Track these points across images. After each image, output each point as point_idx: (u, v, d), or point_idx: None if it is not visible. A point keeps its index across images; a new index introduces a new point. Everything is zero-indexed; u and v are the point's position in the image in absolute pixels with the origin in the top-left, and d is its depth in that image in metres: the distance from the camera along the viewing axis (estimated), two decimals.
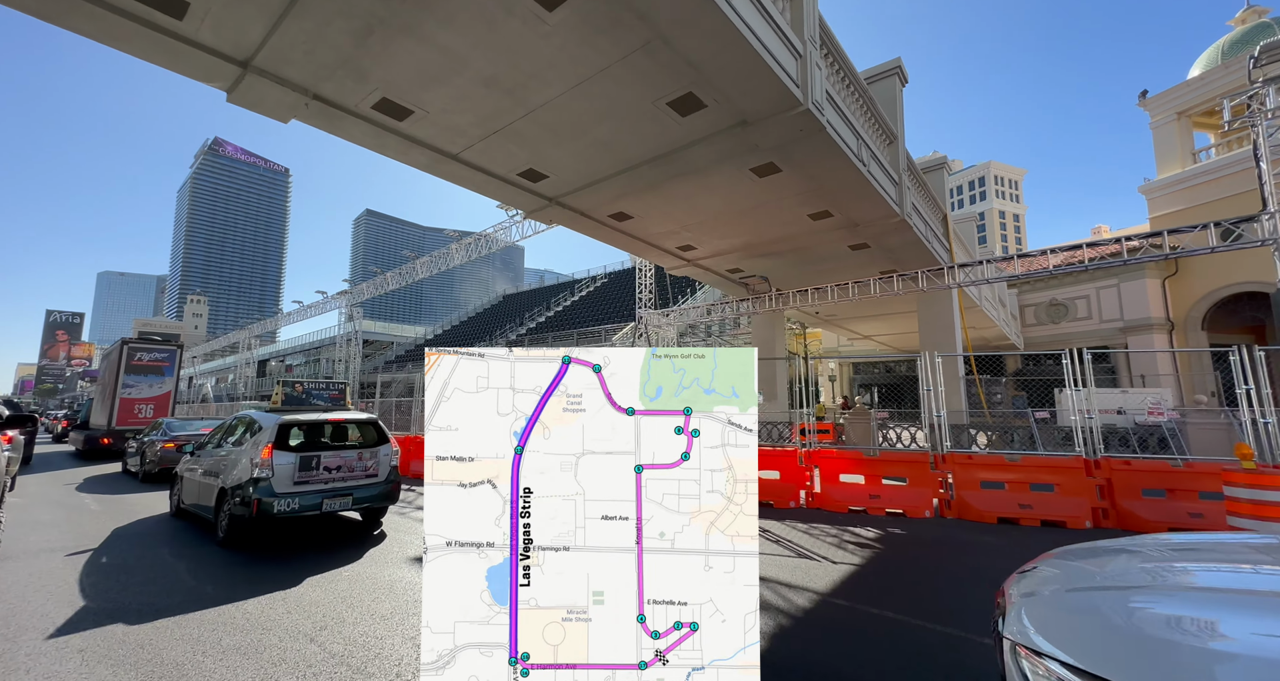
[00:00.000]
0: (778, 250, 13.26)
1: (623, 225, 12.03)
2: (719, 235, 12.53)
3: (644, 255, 14.23)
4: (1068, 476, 6.56)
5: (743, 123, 7.72)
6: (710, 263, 14.49)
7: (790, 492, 7.92)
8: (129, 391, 18.24)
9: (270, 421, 6.17)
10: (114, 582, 4.66)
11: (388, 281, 29.07)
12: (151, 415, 18.16)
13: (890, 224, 10.96)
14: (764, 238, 12.55)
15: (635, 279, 18.18)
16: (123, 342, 18.76)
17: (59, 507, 8.22)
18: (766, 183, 9.64)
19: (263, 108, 7.33)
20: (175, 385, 19.59)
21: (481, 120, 7.94)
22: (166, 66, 6.68)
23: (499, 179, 9.84)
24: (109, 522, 7.16)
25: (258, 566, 5.16)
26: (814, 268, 14.36)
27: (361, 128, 8.04)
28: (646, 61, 6.52)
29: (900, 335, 25.74)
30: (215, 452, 6.81)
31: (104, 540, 6.22)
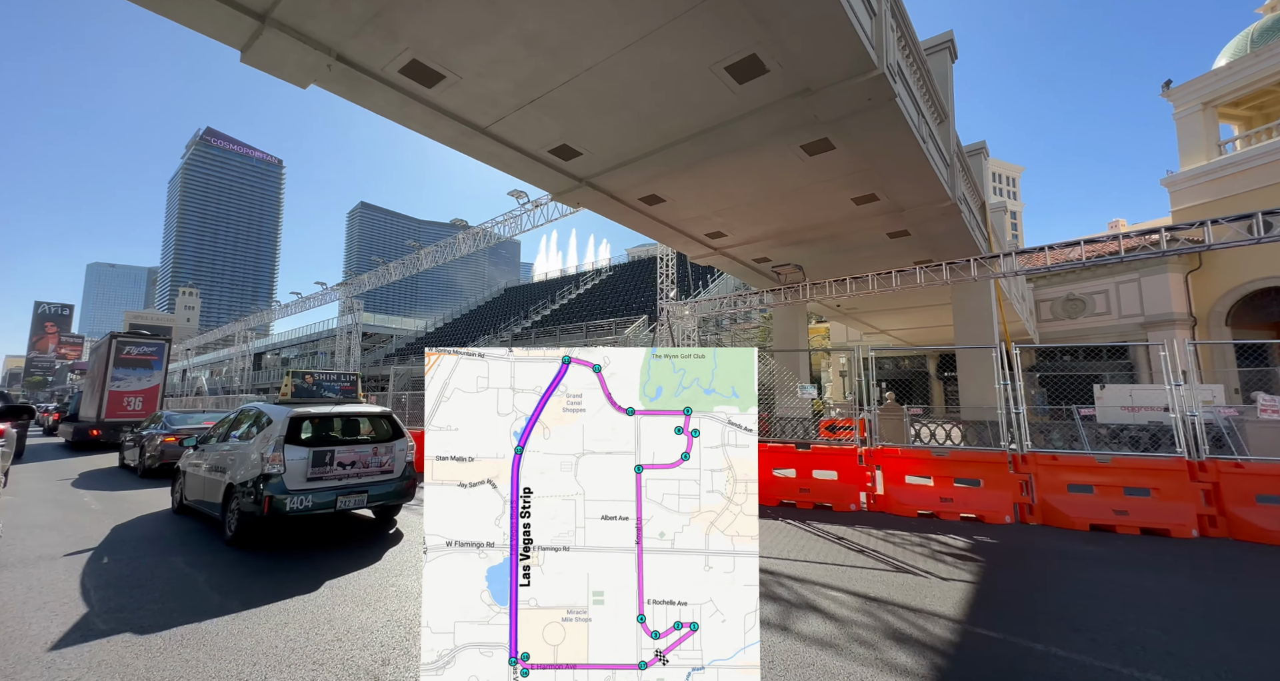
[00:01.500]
0: (811, 238, 12.65)
1: (653, 209, 11.37)
2: (752, 221, 11.90)
3: (669, 242, 13.57)
4: (1168, 480, 6.01)
5: (805, 91, 7.08)
6: (738, 251, 13.87)
7: (850, 495, 7.35)
8: (118, 384, 18.31)
9: (281, 414, 5.83)
10: (118, 587, 4.35)
11: (390, 272, 28.24)
12: (140, 408, 18.32)
13: (939, 209, 10.37)
14: (799, 224, 11.93)
15: (653, 270, 17.64)
16: (111, 336, 18.81)
17: (56, 505, 7.79)
18: (815, 162, 9.01)
19: (281, 70, 6.61)
20: (164, 378, 19.75)
21: (518, 87, 7.25)
22: (180, 19, 5.95)
23: (529, 156, 9.15)
24: (108, 520, 6.78)
25: (272, 569, 4.84)
26: (846, 257, 13.76)
27: (386, 95, 7.33)
28: (711, 17, 5.86)
29: (920, 330, 25.22)
30: (220, 447, 6.47)
31: (104, 539, 5.89)
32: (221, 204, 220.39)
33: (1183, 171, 22.83)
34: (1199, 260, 21.98)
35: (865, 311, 21.34)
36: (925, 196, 9.92)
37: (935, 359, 29.23)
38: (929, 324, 23.51)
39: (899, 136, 7.87)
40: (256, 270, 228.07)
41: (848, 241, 12.69)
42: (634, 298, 34.16)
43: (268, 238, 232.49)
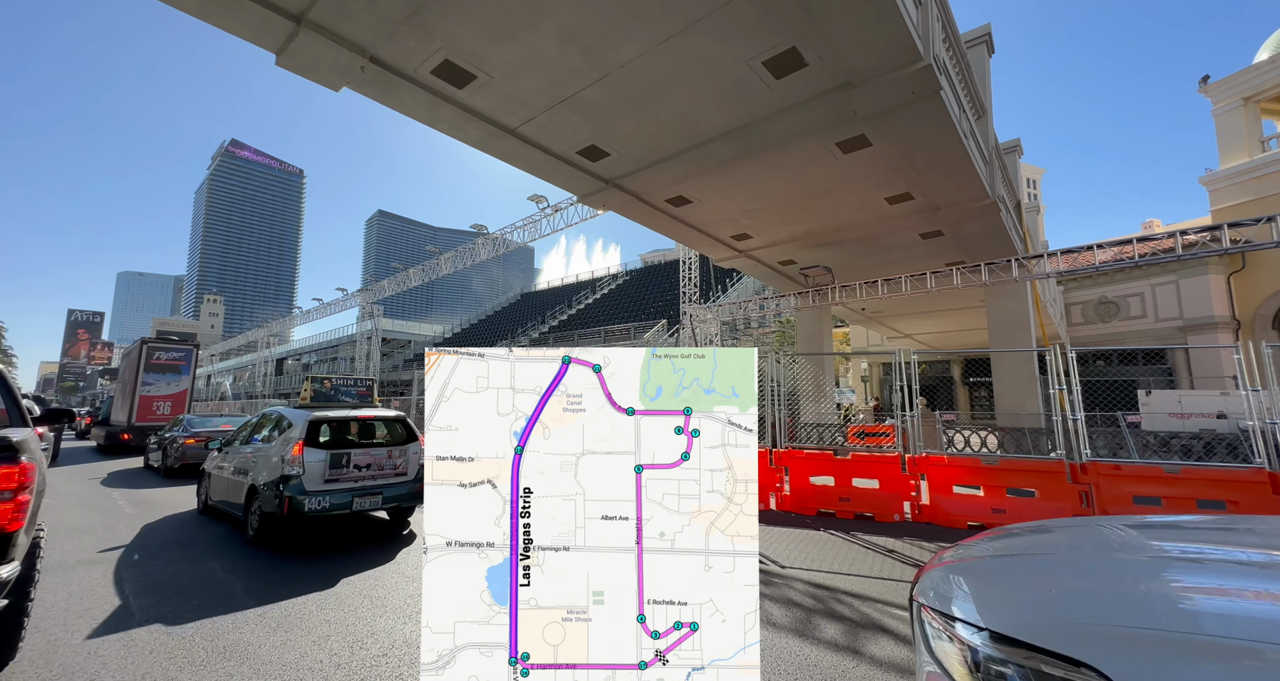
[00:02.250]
0: (840, 239, 12.35)
1: (679, 211, 11.20)
2: (780, 222, 11.65)
3: (694, 245, 13.38)
4: (1247, 492, 5.61)
5: (844, 85, 6.85)
6: (763, 253, 13.61)
7: (894, 504, 7.02)
8: (148, 389, 18.76)
9: (300, 418, 6.05)
10: (147, 582, 4.63)
11: (410, 278, 28.44)
12: (169, 412, 18.67)
13: (978, 207, 10.02)
14: (828, 225, 11.66)
15: (669, 275, 17.43)
16: (142, 342, 19.25)
17: (90, 505, 8.09)
18: (849, 160, 8.76)
19: (315, 72, 6.59)
20: (192, 383, 20.24)
21: (549, 86, 7.14)
22: (218, 23, 5.95)
23: (556, 157, 9.05)
24: (138, 519, 7.13)
25: (291, 566, 5.09)
26: (875, 259, 13.43)
27: (417, 96, 7.28)
28: (753, 8, 5.68)
29: (946, 333, 24.61)
30: (243, 449, 6.70)
31: (135, 537, 6.21)
32: (245, 213, 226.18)
33: (1222, 170, 22.04)
34: (1242, 261, 21.15)
35: (891, 315, 20.86)
36: (964, 194, 9.60)
37: (960, 364, 28.51)
38: (956, 327, 22.93)
39: (941, 131, 7.59)
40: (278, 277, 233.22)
41: (878, 242, 12.37)
42: (651, 302, 34.00)
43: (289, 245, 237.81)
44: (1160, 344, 22.51)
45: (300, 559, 5.29)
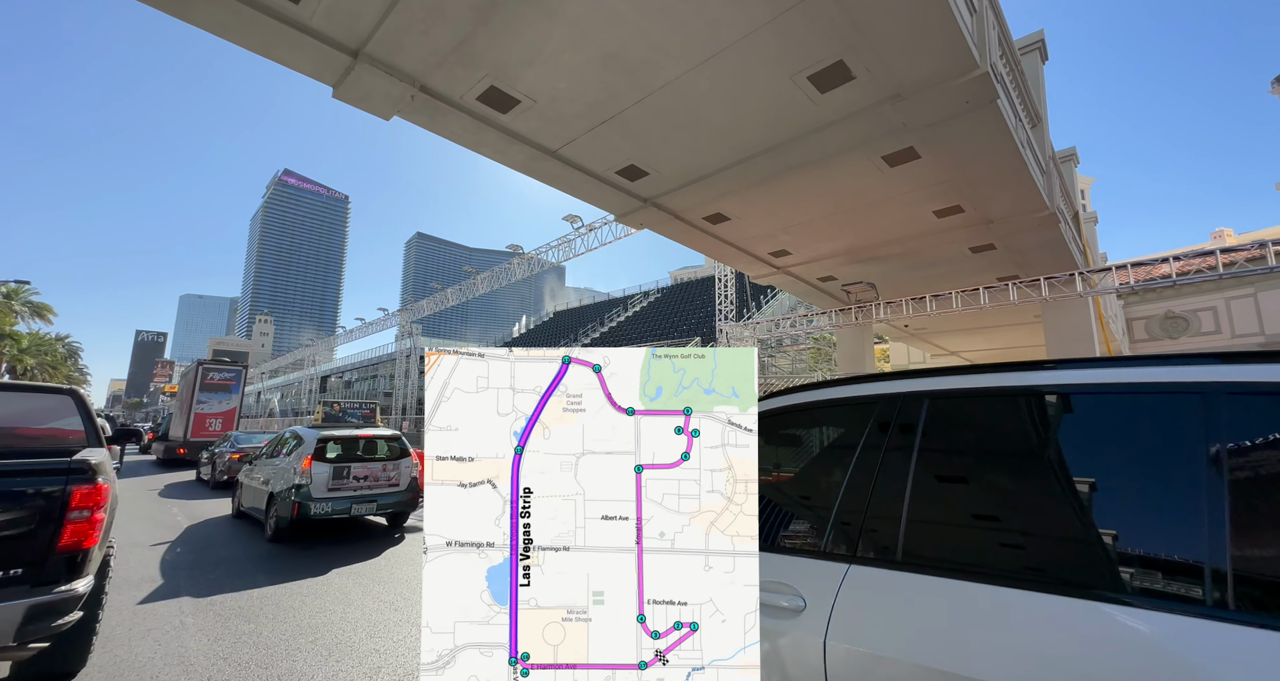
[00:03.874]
0: (884, 254, 11.96)
1: (716, 228, 11.09)
2: (822, 237, 11.39)
3: (730, 262, 13.22)
4: None
5: (894, 97, 6.66)
6: (802, 269, 13.32)
7: None
8: (202, 407, 19.84)
9: (311, 436, 7.18)
10: (185, 567, 5.81)
11: (448, 297, 29.26)
12: (220, 428, 19.67)
13: (1035, 219, 9.53)
14: (872, 240, 11.32)
15: (700, 292, 17.27)
16: (199, 364, 20.56)
17: (147, 511, 9.49)
18: (896, 173, 8.50)
19: (369, 103, 6.85)
20: (240, 401, 21.37)
21: (591, 108, 7.22)
22: (278, 59, 6.28)
23: (595, 178, 9.12)
24: (184, 521, 8.53)
25: (296, 558, 6.21)
26: (920, 274, 12.94)
27: (463, 123, 7.47)
28: (801, 24, 5.60)
29: (995, 351, 23.45)
30: (268, 463, 7.77)
31: (179, 534, 7.49)
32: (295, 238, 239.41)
33: None
34: None
35: (936, 332, 20.03)
36: (1021, 206, 9.15)
37: None
38: (1007, 345, 21.82)
39: (997, 142, 7.27)
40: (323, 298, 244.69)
41: (924, 257, 11.92)
42: (684, 319, 33.86)
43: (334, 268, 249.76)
44: None
45: (305, 551, 6.46)
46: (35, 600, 2.63)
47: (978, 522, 1.50)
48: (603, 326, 40.13)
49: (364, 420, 8.54)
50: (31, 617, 2.59)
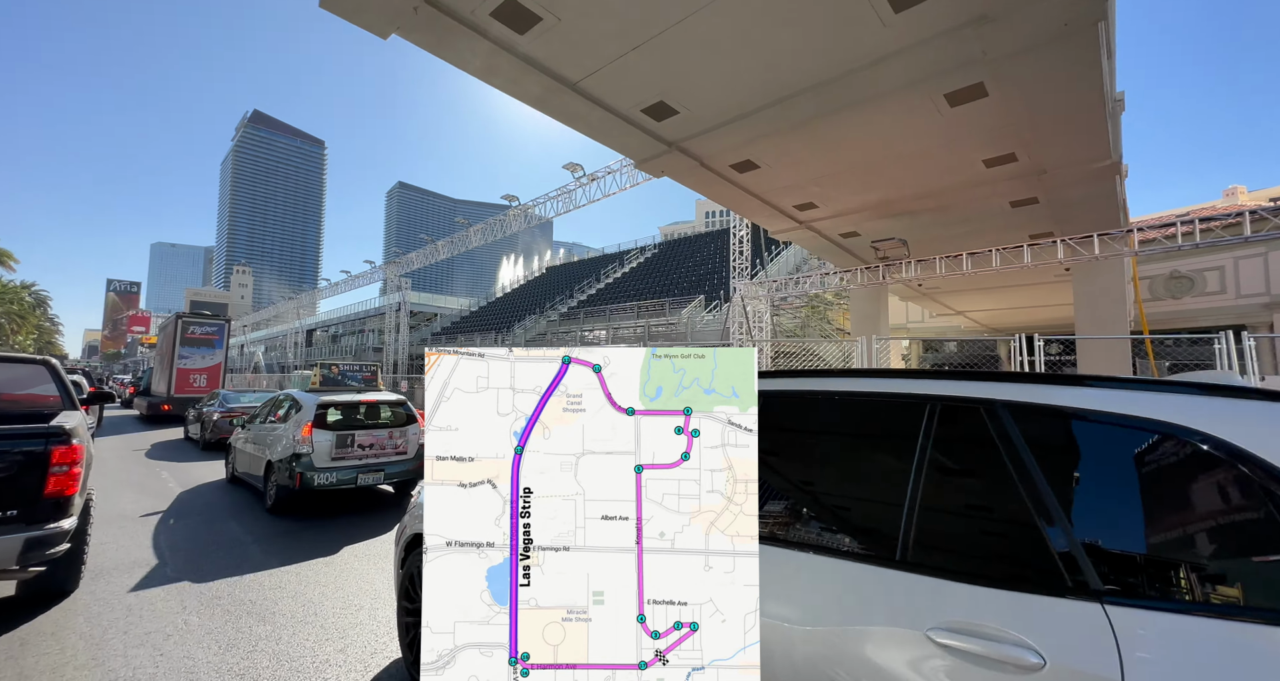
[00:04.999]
0: (915, 208, 11.18)
1: (742, 178, 10.17)
2: (854, 189, 10.55)
3: (752, 215, 12.35)
4: None
5: (979, 19, 5.72)
6: (826, 224, 12.52)
7: None
8: (185, 362, 18.80)
9: (310, 401, 6.61)
10: (182, 546, 5.21)
11: (438, 250, 27.90)
12: (205, 385, 18.83)
13: (1092, 170, 8.79)
14: (907, 192, 10.50)
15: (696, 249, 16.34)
16: (177, 317, 19.24)
17: (135, 475, 8.78)
18: (954, 115, 7.62)
19: (362, 16, 5.74)
20: (225, 356, 20.33)
21: (624, 29, 6.17)
22: None
23: (618, 116, 8.09)
24: (175, 487, 7.87)
25: (303, 531, 5.72)
26: (950, 230, 12.23)
27: (473, 44, 6.37)
28: None
29: (1003, 311, 23.04)
30: (263, 427, 7.25)
31: (171, 503, 6.88)
32: (269, 185, 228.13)
33: None
34: None
35: (948, 291, 19.49)
36: (1082, 154, 8.38)
37: (1005, 345, 26.79)
38: (1018, 305, 21.40)
39: (1085, 75, 6.41)
40: (303, 249, 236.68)
41: (957, 212, 11.18)
42: (683, 277, 33.00)
43: (312, 218, 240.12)
44: (1239, 322, 20.78)
45: (312, 525, 5.93)
46: (30, 534, 3.24)
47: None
48: (598, 283, 39.05)
49: (365, 383, 7.81)
50: (30, 547, 3.22)
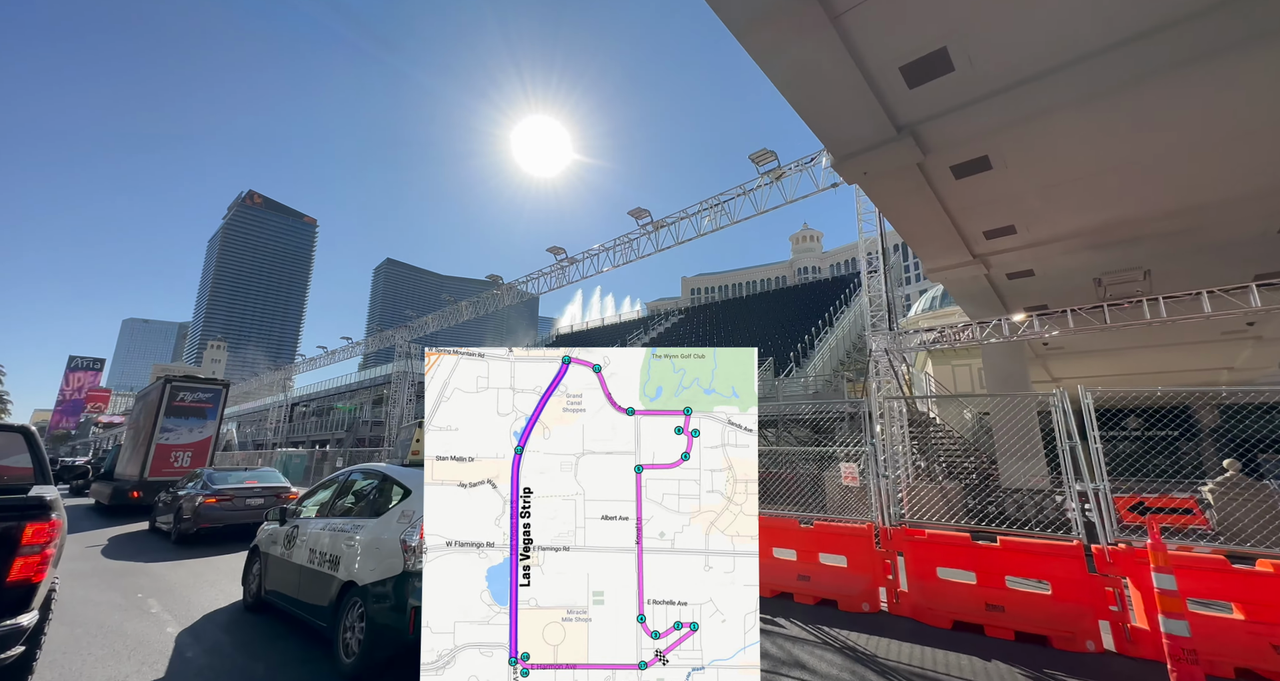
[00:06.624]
0: (1149, 233, 8.94)
1: (955, 185, 8.03)
2: (1084, 203, 8.38)
3: (924, 243, 10.12)
4: None
5: None
6: (1006, 258, 10.35)
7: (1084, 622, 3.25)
8: (167, 436, 15.40)
9: (422, 483, 4.20)
10: None
11: (428, 324, 27.54)
12: (189, 464, 15.39)
13: None
14: (1152, 210, 8.43)
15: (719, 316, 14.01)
16: (165, 381, 16.01)
17: (100, 603, 5.90)
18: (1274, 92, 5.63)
19: None
20: (218, 429, 16.80)
21: None
22: None
23: (864, 74, 5.95)
24: (167, 622, 5.17)
25: None
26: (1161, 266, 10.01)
27: None
28: None
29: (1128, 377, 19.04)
30: (327, 524, 4.82)
31: (171, 656, 4.27)
32: (257, 262, 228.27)
33: None
34: None
35: (1067, 352, 16.85)
36: None
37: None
38: (1128, 371, 18.67)
39: None
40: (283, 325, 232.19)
41: (1193, 239, 9.05)
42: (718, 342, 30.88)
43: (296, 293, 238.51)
44: None
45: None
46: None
47: None
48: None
49: None
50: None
